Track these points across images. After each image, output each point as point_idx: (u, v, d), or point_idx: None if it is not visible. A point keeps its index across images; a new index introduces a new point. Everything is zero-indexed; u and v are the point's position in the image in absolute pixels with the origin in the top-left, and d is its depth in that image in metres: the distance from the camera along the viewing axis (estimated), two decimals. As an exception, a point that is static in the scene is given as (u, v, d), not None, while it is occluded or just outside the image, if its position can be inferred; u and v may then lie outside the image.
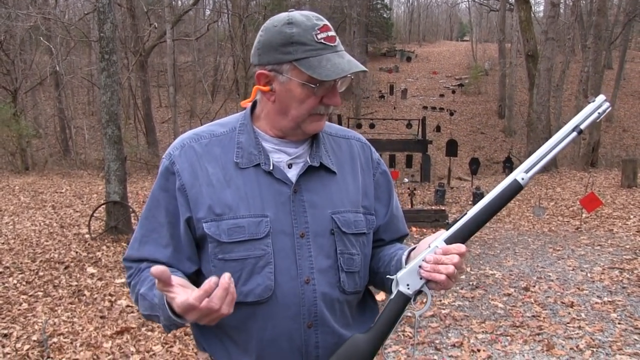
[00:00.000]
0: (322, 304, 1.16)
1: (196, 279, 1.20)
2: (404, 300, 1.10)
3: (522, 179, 1.09)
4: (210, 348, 1.21)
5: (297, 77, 1.11)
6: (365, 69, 1.16)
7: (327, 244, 1.17)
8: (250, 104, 1.25)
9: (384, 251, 1.29)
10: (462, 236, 1.09)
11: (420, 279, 1.09)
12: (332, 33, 1.13)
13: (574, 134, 1.08)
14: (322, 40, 1.10)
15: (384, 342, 1.11)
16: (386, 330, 1.10)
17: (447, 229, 1.11)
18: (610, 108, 1.09)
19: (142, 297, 1.14)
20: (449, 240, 1.09)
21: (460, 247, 1.07)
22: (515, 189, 1.09)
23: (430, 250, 1.09)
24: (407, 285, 1.10)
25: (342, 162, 1.26)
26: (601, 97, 1.09)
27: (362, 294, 1.29)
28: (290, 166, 1.20)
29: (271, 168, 1.17)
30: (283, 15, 1.14)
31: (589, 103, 1.10)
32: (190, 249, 1.19)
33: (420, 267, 1.09)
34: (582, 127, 1.08)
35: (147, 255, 1.19)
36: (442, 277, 1.05)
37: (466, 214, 1.10)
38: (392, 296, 1.10)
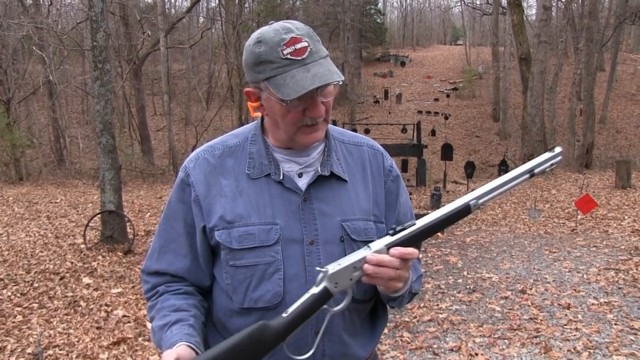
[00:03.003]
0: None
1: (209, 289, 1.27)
2: (326, 297, 1.07)
3: (474, 205, 1.12)
4: None
5: (272, 94, 1.12)
6: (332, 80, 1.09)
7: (336, 252, 1.18)
8: (259, 115, 1.27)
9: None
10: (404, 245, 1.09)
11: (350, 279, 1.08)
12: (300, 45, 1.09)
13: (527, 175, 1.15)
14: (288, 56, 1.08)
15: (290, 334, 1.07)
16: (297, 323, 1.06)
17: (392, 235, 1.10)
18: (560, 159, 1.18)
19: (153, 331, 1.19)
20: (391, 247, 1.08)
21: (414, 251, 1.08)
22: (465, 212, 1.12)
23: (371, 252, 1.08)
24: (336, 283, 1.07)
25: (354, 170, 1.26)
26: (559, 149, 1.17)
27: (373, 303, 1.28)
28: (300, 175, 1.21)
29: (281, 178, 1.19)
30: (255, 34, 1.14)
31: (548, 152, 1.17)
32: (207, 259, 1.23)
33: (354, 267, 1.08)
34: (535, 171, 1.16)
35: (166, 265, 1.24)
36: (383, 282, 1.09)
37: (414, 224, 1.11)
38: (317, 291, 1.07)
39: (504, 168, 14.31)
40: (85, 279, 5.90)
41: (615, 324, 4.00)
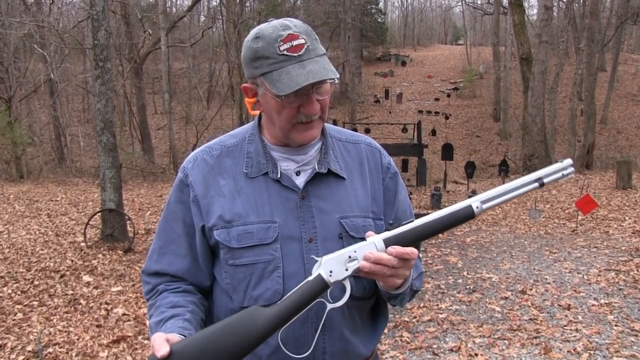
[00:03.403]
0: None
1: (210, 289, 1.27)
2: (322, 287, 1.06)
3: (477, 207, 1.09)
4: None
5: (267, 90, 1.12)
6: (327, 77, 1.09)
7: (335, 249, 1.17)
8: (258, 113, 1.27)
9: None
10: (402, 242, 1.08)
11: (346, 269, 1.07)
12: (297, 41, 1.10)
13: (536, 184, 1.11)
14: (285, 52, 1.09)
15: (285, 325, 1.04)
16: (292, 313, 1.04)
17: (390, 229, 1.09)
18: (572, 175, 1.14)
19: (150, 328, 1.18)
20: (389, 242, 1.07)
21: (413, 251, 1.06)
22: (468, 215, 1.09)
23: (367, 245, 1.07)
24: (330, 271, 1.06)
25: (351, 168, 1.27)
26: (568, 161, 1.14)
27: (373, 300, 1.28)
28: (298, 173, 1.22)
29: (279, 176, 1.19)
30: (254, 30, 1.15)
31: (557, 162, 1.14)
32: (207, 259, 1.23)
33: (349, 256, 1.07)
34: (544, 181, 1.12)
35: (165, 266, 1.24)
36: (380, 277, 1.08)
37: (412, 221, 1.10)
38: (311, 278, 1.06)
39: (504, 168, 14.31)
40: (85, 277, 5.91)
41: (616, 325, 4.00)
